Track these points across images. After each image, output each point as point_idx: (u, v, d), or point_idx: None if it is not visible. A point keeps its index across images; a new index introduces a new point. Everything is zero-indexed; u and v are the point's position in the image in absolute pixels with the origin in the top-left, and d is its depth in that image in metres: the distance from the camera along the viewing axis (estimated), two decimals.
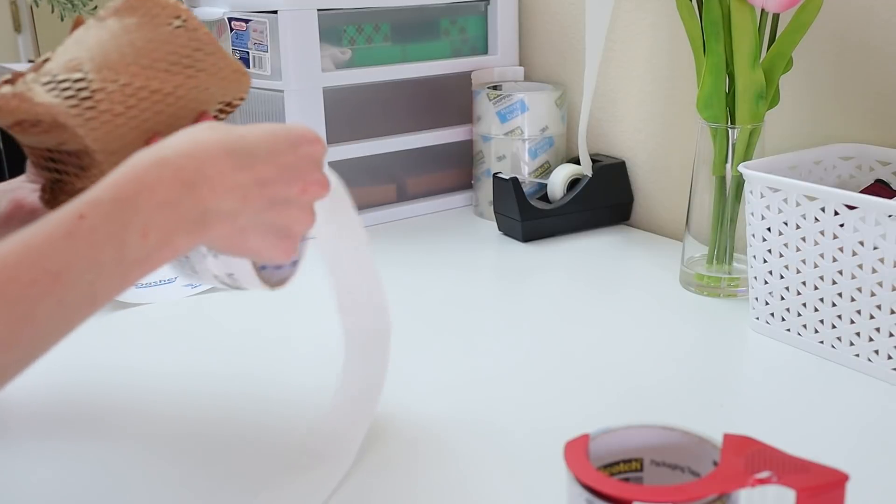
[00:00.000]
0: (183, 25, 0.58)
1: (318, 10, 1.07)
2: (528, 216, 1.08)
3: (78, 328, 0.47)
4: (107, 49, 0.55)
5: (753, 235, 0.79)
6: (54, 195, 0.59)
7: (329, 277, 0.64)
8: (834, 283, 0.73)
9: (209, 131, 0.51)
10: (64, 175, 0.58)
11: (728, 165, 0.87)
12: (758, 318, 0.81)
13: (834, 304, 0.74)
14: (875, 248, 0.69)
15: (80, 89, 0.53)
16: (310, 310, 0.85)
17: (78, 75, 0.54)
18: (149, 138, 0.56)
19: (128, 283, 0.48)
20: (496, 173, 1.11)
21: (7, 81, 0.54)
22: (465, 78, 1.21)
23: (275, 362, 0.79)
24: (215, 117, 0.62)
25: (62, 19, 1.88)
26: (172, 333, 0.86)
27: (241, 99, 0.63)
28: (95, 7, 1.93)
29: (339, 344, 0.66)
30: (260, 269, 0.56)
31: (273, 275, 0.58)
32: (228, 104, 0.63)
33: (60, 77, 0.54)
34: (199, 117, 0.60)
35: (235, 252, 0.53)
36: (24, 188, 0.64)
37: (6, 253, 0.44)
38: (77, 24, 0.59)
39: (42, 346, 0.46)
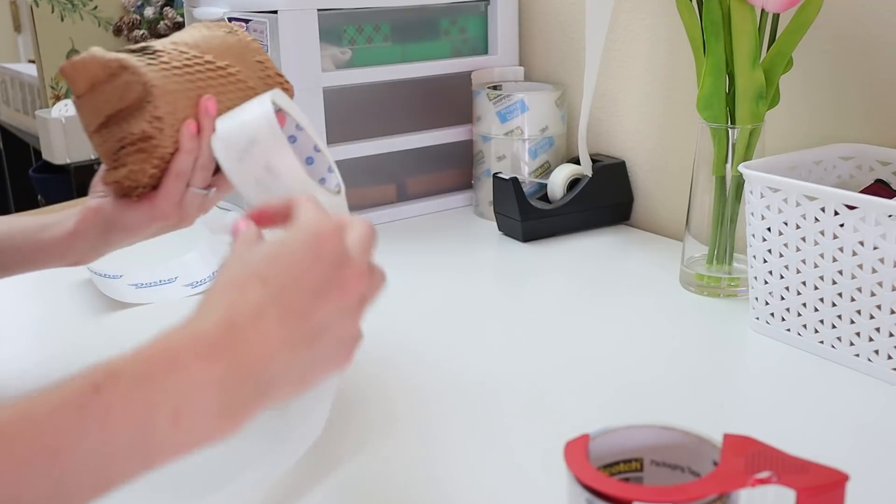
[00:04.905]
0: (239, 37, 0.73)
1: (318, 10, 1.07)
2: (528, 216, 1.08)
3: None
4: (180, 35, 0.71)
5: (753, 235, 0.79)
6: (116, 160, 0.67)
7: None
8: (834, 283, 0.73)
9: (241, 279, 0.46)
10: (124, 140, 0.66)
11: (728, 165, 0.87)
12: (758, 318, 0.81)
13: (834, 304, 0.74)
14: (875, 248, 0.69)
15: (144, 48, 0.67)
16: None
17: (145, 45, 0.68)
18: (200, 96, 0.67)
19: (150, 469, 0.41)
20: (496, 173, 1.11)
21: None
22: (465, 78, 1.21)
23: None
24: None
25: (62, 19, 1.88)
26: None
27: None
28: (96, 7, 1.93)
29: None
30: None
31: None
32: None
33: (132, 47, 0.67)
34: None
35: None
36: (92, 199, 0.71)
37: (5, 421, 0.38)
38: None
39: None
